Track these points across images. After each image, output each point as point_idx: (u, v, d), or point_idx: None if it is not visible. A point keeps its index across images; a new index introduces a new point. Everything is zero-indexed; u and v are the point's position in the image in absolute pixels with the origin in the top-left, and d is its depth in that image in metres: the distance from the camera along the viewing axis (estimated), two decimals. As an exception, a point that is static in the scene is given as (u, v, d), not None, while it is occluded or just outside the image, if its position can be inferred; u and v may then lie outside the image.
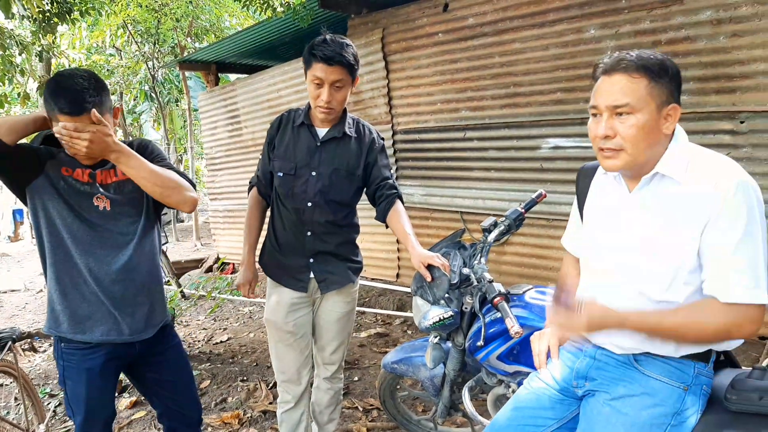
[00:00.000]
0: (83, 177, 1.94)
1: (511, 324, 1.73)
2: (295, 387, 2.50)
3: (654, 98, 1.35)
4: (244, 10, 8.08)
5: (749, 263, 1.30)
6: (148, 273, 2.05)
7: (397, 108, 5.32)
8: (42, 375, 4.32)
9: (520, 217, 2.16)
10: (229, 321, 5.61)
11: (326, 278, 2.39)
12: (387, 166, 2.43)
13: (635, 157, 1.38)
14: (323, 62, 2.11)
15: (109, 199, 1.96)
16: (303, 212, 2.31)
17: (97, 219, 1.94)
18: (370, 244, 5.85)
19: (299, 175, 2.31)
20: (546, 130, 4.30)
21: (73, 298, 1.94)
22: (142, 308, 2.02)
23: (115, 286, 1.95)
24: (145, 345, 2.06)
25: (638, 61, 1.35)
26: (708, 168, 1.36)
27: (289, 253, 2.39)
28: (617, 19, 3.78)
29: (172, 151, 13.18)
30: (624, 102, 1.35)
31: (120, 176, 1.98)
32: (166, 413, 2.24)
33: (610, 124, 1.38)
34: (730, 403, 1.40)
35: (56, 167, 1.92)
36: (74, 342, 1.96)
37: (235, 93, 7.32)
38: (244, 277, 2.47)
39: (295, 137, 2.35)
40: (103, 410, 2.05)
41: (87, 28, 11.99)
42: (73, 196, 1.92)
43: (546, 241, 4.44)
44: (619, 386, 1.48)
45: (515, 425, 1.61)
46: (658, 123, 1.36)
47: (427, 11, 4.88)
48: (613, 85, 1.36)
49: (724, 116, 3.47)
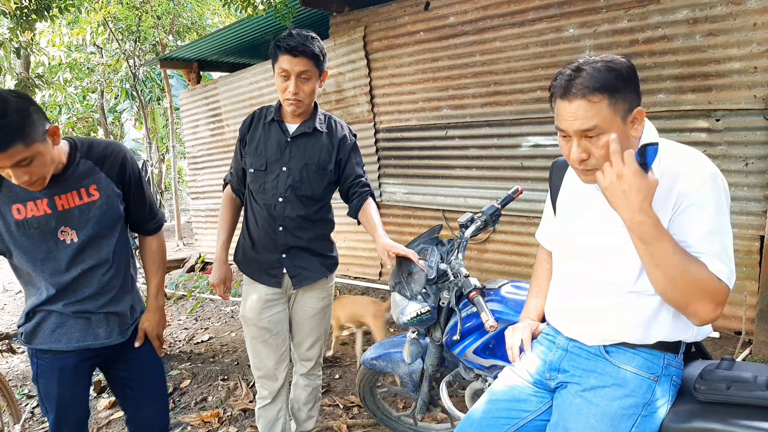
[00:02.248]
0: (40, 209, 1.79)
1: (486, 318, 1.74)
2: (271, 383, 2.50)
3: (618, 112, 1.33)
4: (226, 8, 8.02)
5: (722, 247, 1.32)
6: (123, 280, 2.02)
7: (380, 106, 5.33)
8: (20, 376, 4.27)
9: (496, 212, 2.17)
10: (211, 320, 5.57)
11: (299, 273, 2.39)
12: (359, 163, 2.43)
13: None
14: (288, 53, 2.12)
15: (75, 229, 1.84)
16: (274, 207, 2.31)
17: (66, 254, 1.84)
18: (353, 243, 5.85)
19: (270, 171, 2.31)
20: (526, 129, 4.33)
21: (48, 317, 1.91)
22: (118, 314, 2.00)
23: (90, 303, 1.92)
24: (119, 345, 2.03)
25: (593, 82, 1.30)
26: (677, 159, 1.38)
27: (262, 249, 2.39)
28: (596, 18, 3.82)
29: (153, 151, 13.04)
30: (591, 125, 1.32)
31: (85, 199, 1.85)
32: (133, 419, 2.18)
33: (583, 147, 1.36)
34: (699, 393, 1.42)
35: (6, 214, 1.78)
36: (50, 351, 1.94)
37: (216, 91, 7.28)
38: (217, 276, 2.46)
39: (266, 133, 2.35)
40: (76, 409, 2.03)
41: (67, 25, 11.83)
42: (36, 244, 1.81)
43: (526, 238, 4.48)
44: (591, 377, 1.49)
45: (489, 417, 1.62)
46: (627, 132, 1.36)
47: (408, 10, 4.89)
48: (576, 111, 1.33)
49: (701, 114, 3.53)
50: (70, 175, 1.83)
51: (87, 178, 1.87)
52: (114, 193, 1.93)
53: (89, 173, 1.88)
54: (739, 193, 3.42)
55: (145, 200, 2.07)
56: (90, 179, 1.87)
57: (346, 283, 5.84)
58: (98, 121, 15.19)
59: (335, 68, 5.51)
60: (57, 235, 1.83)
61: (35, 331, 1.92)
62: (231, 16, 11.55)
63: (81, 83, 13.86)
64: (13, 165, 1.61)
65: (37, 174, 1.68)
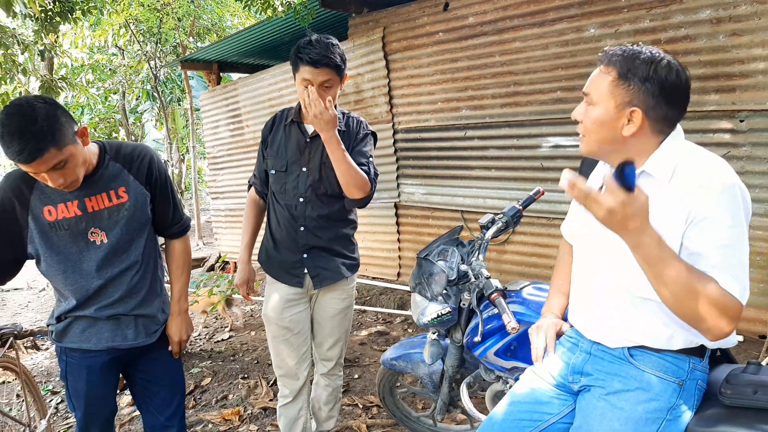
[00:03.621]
0: (70, 211, 1.83)
1: (508, 320, 1.74)
2: (293, 382, 2.52)
3: (614, 96, 1.35)
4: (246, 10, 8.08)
5: (737, 261, 1.30)
6: (151, 282, 2.04)
7: (398, 107, 5.33)
8: (44, 372, 4.34)
9: (517, 214, 2.17)
10: (231, 319, 5.62)
11: (319, 273, 2.41)
12: (363, 153, 2.36)
13: (591, 148, 1.46)
14: (310, 65, 2.12)
15: (105, 230, 1.88)
16: (295, 207, 2.34)
17: (97, 256, 1.88)
18: (371, 243, 5.86)
19: (290, 172, 2.34)
20: (546, 129, 4.31)
21: (79, 320, 1.95)
22: (147, 316, 2.03)
23: (120, 306, 1.95)
24: (145, 346, 2.05)
25: (616, 56, 1.38)
26: (696, 169, 1.35)
27: (284, 249, 2.41)
28: (617, 17, 3.79)
29: (174, 151, 13.19)
30: (587, 91, 1.43)
31: (114, 201, 1.89)
32: (148, 421, 2.15)
33: (582, 110, 1.45)
34: (724, 398, 1.40)
35: (38, 216, 1.82)
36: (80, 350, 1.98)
37: (236, 92, 7.34)
38: (240, 277, 2.51)
39: (286, 135, 2.38)
40: (104, 406, 2.06)
41: (89, 28, 12.01)
42: (67, 246, 1.85)
43: (546, 239, 4.46)
44: (615, 381, 1.48)
45: (511, 420, 1.62)
46: (615, 122, 1.36)
47: (427, 10, 4.89)
48: (593, 74, 1.43)
49: (724, 115, 3.48)
50: (99, 177, 1.87)
51: (116, 180, 1.90)
52: (142, 195, 1.96)
53: (118, 175, 1.91)
54: (763, 194, 3.37)
55: (170, 203, 2.09)
56: (119, 181, 1.91)
57: (365, 283, 5.86)
58: (120, 121, 15.39)
59: (354, 69, 5.53)
60: (87, 237, 1.86)
61: (65, 330, 1.96)
62: (251, 18, 11.65)
63: (103, 84, 14.06)
64: (49, 169, 1.65)
65: (71, 176, 1.71)
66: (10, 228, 1.82)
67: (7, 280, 1.90)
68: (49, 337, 2.01)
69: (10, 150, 1.59)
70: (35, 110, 1.60)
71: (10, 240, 1.83)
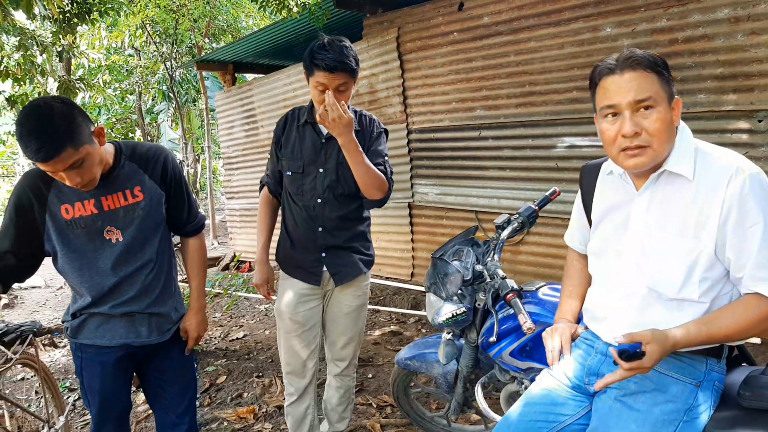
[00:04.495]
0: (87, 209, 1.86)
1: (524, 320, 1.74)
2: (298, 380, 2.54)
3: (665, 92, 1.36)
4: (261, 11, 8.12)
5: None
6: (165, 281, 2.06)
7: (412, 107, 5.33)
8: (62, 369, 4.40)
9: (533, 214, 2.16)
10: (245, 318, 5.66)
11: (339, 271, 2.43)
12: (379, 152, 2.38)
13: (659, 153, 1.38)
14: (326, 71, 2.12)
15: (120, 229, 1.90)
16: (313, 208, 2.35)
17: (112, 254, 1.90)
18: (385, 243, 5.87)
19: (307, 173, 2.35)
20: (561, 129, 4.29)
21: (93, 317, 1.97)
22: (161, 315, 2.05)
23: (135, 304, 1.97)
24: (158, 344, 2.07)
25: (644, 61, 1.35)
26: (717, 164, 1.36)
27: (302, 248, 2.43)
28: (633, 17, 3.76)
29: (189, 151, 13.29)
30: (647, 95, 1.34)
31: (130, 200, 1.92)
32: (160, 419, 2.17)
33: (635, 121, 1.36)
34: (743, 400, 1.39)
35: (56, 214, 1.84)
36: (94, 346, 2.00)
37: (251, 93, 7.38)
38: (260, 276, 2.51)
39: (300, 136, 2.39)
40: (118, 402, 2.08)
41: (106, 29, 12.14)
42: (84, 244, 1.87)
43: (560, 240, 4.37)
44: (631, 382, 1.48)
45: (526, 421, 1.62)
46: (670, 117, 1.37)
47: (442, 10, 4.88)
48: (630, 82, 1.35)
49: (742, 115, 3.44)
50: (115, 176, 1.89)
51: (131, 180, 1.93)
52: (157, 195, 1.98)
53: (134, 175, 1.93)
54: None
55: (185, 202, 2.11)
56: (134, 181, 1.93)
57: (379, 283, 5.87)
58: (136, 122, 15.55)
59: (368, 69, 5.54)
60: (103, 235, 1.89)
61: (80, 327, 1.98)
62: (265, 19, 11.70)
63: (120, 85, 14.20)
64: (66, 168, 1.67)
65: (88, 175, 1.73)
66: (28, 226, 1.84)
67: (25, 277, 1.92)
68: (65, 333, 2.03)
69: (29, 149, 1.62)
70: (53, 110, 1.63)
71: (29, 237, 1.86)
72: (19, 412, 2.61)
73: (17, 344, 2.51)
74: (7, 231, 1.84)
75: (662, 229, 1.40)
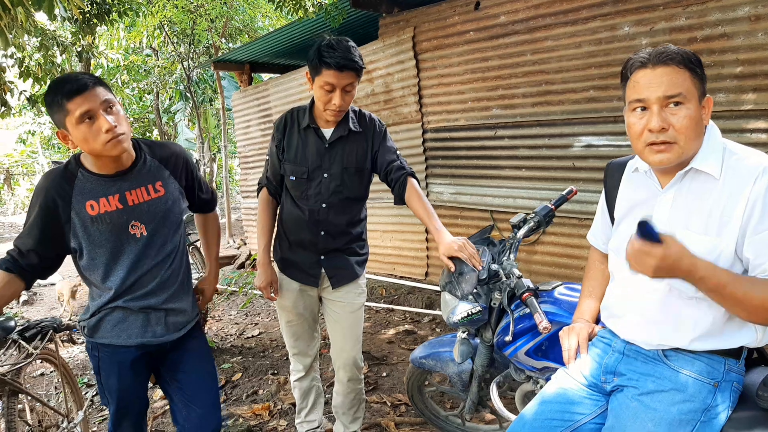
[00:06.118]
0: (112, 205, 1.89)
1: (540, 319, 1.74)
2: (305, 359, 2.70)
3: (697, 89, 1.36)
4: (277, 11, 8.16)
5: None
6: (182, 277, 2.09)
7: (428, 106, 5.33)
8: (80, 365, 4.46)
9: (549, 213, 2.15)
10: (261, 316, 5.70)
11: (336, 274, 2.48)
12: (390, 149, 2.40)
13: (686, 150, 1.37)
14: (336, 69, 2.13)
15: (144, 224, 1.94)
16: (318, 213, 2.38)
17: (137, 248, 1.93)
18: (400, 243, 5.87)
19: (312, 179, 2.37)
20: (578, 129, 4.26)
21: (111, 313, 1.99)
22: (177, 311, 2.07)
23: (153, 299, 1.99)
24: (174, 342, 2.09)
25: (678, 56, 1.35)
26: (744, 163, 1.35)
27: (301, 250, 2.47)
28: (652, 15, 3.73)
29: (205, 150, 13.37)
30: (677, 92, 1.34)
31: (152, 194, 1.96)
32: (179, 419, 2.13)
33: (662, 117, 1.36)
34: (761, 400, 1.38)
35: (81, 211, 1.86)
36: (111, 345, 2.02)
37: (267, 92, 7.42)
38: (263, 279, 2.50)
39: (303, 140, 2.39)
40: (135, 401, 2.11)
41: (125, 29, 12.27)
42: (109, 239, 1.89)
43: (577, 240, 4.41)
44: (648, 381, 1.47)
45: (542, 419, 1.61)
46: (700, 115, 1.37)
47: (458, 9, 4.88)
48: (661, 77, 1.35)
49: (762, 114, 3.40)
50: (137, 171, 1.94)
51: (153, 175, 1.98)
52: (177, 190, 2.04)
53: (155, 170, 1.99)
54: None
55: (203, 188, 2.24)
56: (156, 176, 1.98)
57: (393, 282, 5.87)
58: (153, 121, 15.68)
59: (384, 69, 5.55)
60: (128, 230, 1.92)
61: (97, 326, 2.00)
62: (282, 19, 11.75)
63: (138, 85, 14.33)
64: (101, 104, 1.74)
65: (121, 123, 1.79)
66: (52, 225, 1.87)
67: (47, 275, 1.95)
68: (81, 332, 2.06)
69: (64, 89, 1.70)
70: (79, 73, 1.80)
71: (54, 236, 1.88)
72: (39, 406, 2.65)
73: (37, 340, 2.55)
74: (31, 230, 1.87)
75: (685, 226, 1.39)
